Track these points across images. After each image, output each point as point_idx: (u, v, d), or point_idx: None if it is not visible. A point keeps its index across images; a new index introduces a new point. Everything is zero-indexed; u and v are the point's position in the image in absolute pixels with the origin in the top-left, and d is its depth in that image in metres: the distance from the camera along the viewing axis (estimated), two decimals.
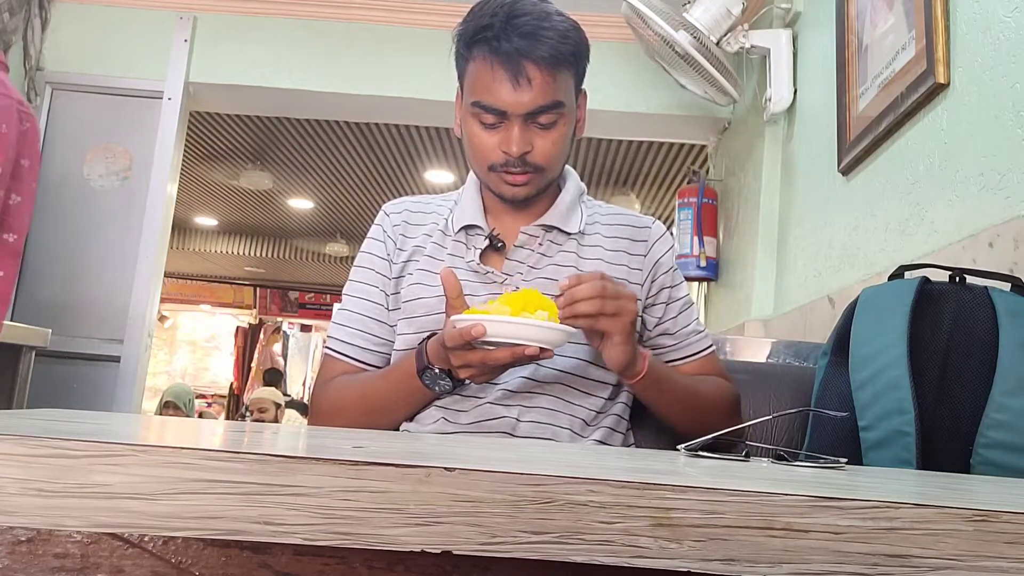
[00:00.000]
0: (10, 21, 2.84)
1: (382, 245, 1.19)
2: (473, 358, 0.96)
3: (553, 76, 1.06)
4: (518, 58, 1.04)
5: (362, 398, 1.10)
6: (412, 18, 3.10)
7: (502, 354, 0.94)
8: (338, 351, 1.15)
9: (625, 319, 0.98)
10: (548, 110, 1.07)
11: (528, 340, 0.93)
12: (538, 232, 1.15)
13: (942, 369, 0.97)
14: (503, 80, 1.05)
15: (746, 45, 2.46)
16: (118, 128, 3.04)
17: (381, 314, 1.16)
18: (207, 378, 9.73)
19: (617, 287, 0.99)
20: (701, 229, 2.88)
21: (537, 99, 1.05)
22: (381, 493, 0.40)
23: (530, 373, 1.08)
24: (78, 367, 2.88)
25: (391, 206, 1.23)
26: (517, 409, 1.07)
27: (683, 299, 1.21)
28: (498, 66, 1.05)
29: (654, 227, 1.21)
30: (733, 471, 0.58)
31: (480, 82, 1.07)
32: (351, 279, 1.19)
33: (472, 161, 1.14)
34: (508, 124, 1.07)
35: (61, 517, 0.40)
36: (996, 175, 1.32)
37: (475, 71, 1.08)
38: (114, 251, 2.97)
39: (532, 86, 1.05)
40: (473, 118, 1.09)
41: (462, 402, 1.08)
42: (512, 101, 1.05)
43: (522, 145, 1.07)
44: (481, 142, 1.09)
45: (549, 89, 1.06)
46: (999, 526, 0.41)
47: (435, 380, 1.04)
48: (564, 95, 1.08)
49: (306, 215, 6.94)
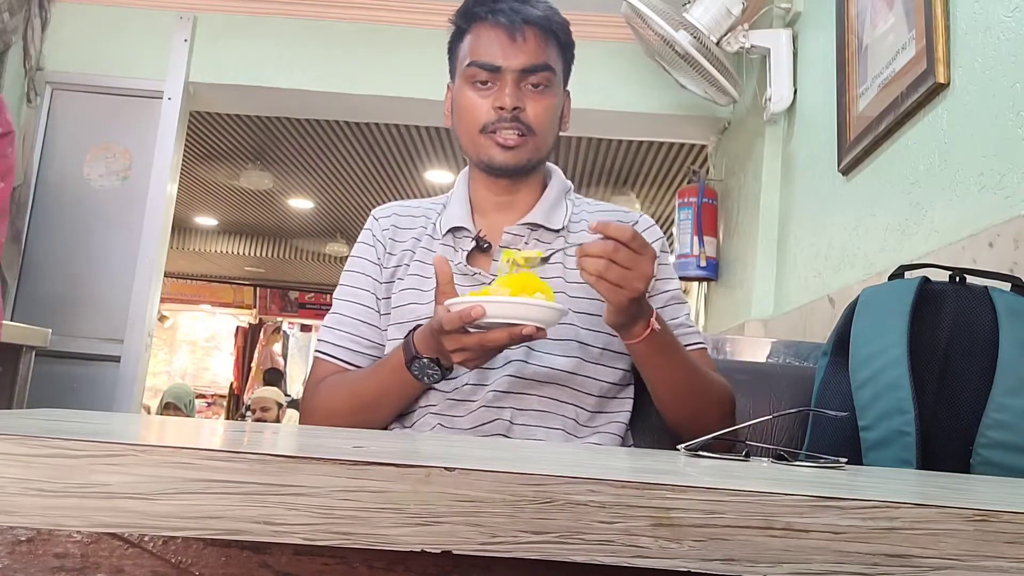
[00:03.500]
0: (10, 21, 2.84)
1: (372, 249, 1.20)
2: (469, 341, 0.95)
3: (545, 41, 1.13)
4: (514, 16, 1.11)
5: (352, 396, 1.10)
6: (412, 18, 3.10)
7: (498, 335, 0.94)
8: (328, 354, 1.16)
9: (625, 293, 0.94)
10: (540, 70, 1.12)
11: (526, 320, 0.93)
12: (523, 231, 1.15)
13: (942, 369, 0.97)
14: (501, 35, 1.11)
15: (746, 45, 2.46)
16: (118, 128, 3.04)
17: (372, 317, 1.17)
18: (207, 378, 9.73)
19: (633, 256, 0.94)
20: (701, 229, 2.88)
21: (531, 57, 1.11)
22: (381, 493, 0.40)
23: (519, 372, 1.08)
24: (78, 367, 2.88)
25: (380, 211, 1.24)
26: (509, 411, 1.07)
27: (672, 292, 1.19)
28: (496, 25, 1.11)
29: (641, 220, 1.21)
30: (733, 471, 0.58)
31: (477, 44, 1.13)
32: (342, 283, 1.20)
33: (463, 130, 1.15)
34: (501, 82, 1.11)
35: (61, 517, 0.40)
36: (996, 175, 1.32)
37: (472, 37, 1.14)
38: (114, 251, 2.96)
39: (527, 44, 1.11)
40: (466, 83, 1.13)
41: (456, 407, 1.08)
42: (508, 56, 1.10)
43: (515, 99, 1.10)
44: (473, 104, 1.12)
45: (542, 51, 1.12)
46: (999, 526, 0.41)
47: (423, 370, 1.03)
48: (555, 64, 1.14)
49: (306, 215, 6.94)
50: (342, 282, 1.20)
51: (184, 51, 3.07)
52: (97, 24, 3.10)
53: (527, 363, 1.08)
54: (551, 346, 1.10)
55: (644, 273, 0.95)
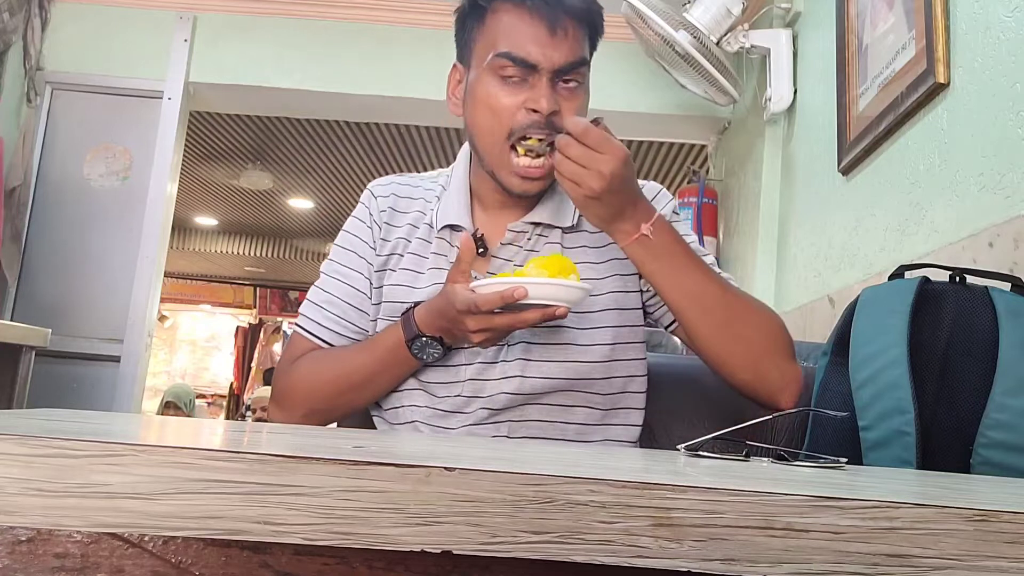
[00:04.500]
0: (10, 21, 2.84)
1: (369, 231, 1.12)
2: (501, 321, 0.93)
3: (583, 33, 1.01)
4: (556, 6, 0.98)
5: (339, 374, 1.05)
6: (412, 18, 3.10)
7: (532, 315, 0.92)
8: (311, 332, 1.09)
9: (580, 190, 0.92)
10: (577, 67, 1.00)
11: (563, 301, 0.93)
12: (527, 228, 1.09)
13: (942, 369, 0.97)
14: (540, 28, 0.97)
15: (746, 45, 2.46)
16: (118, 128, 3.04)
17: (361, 302, 1.10)
18: (207, 378, 9.73)
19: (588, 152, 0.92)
20: (701, 229, 2.88)
21: (571, 54, 0.99)
22: (381, 493, 0.40)
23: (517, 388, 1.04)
24: (78, 367, 2.88)
25: (378, 188, 1.15)
26: (507, 426, 1.04)
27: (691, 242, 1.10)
28: (534, 13, 0.98)
29: (648, 185, 1.14)
30: (733, 471, 0.58)
31: (510, 32, 0.98)
32: (332, 258, 1.12)
33: (483, 133, 1.03)
34: (534, 80, 0.99)
35: (61, 517, 0.40)
36: (996, 175, 1.32)
37: (502, 21, 0.99)
38: (114, 251, 2.97)
39: (568, 38, 0.98)
40: (493, 75, 1.00)
41: (448, 418, 1.05)
42: (547, 53, 0.98)
43: (551, 102, 0.98)
44: (500, 103, 0.99)
45: (580, 46, 1.00)
46: (999, 526, 0.41)
47: (424, 348, 1.00)
48: (588, 58, 1.03)
49: (306, 215, 6.94)
50: (332, 257, 1.12)
51: (184, 51, 3.07)
52: (97, 24, 3.10)
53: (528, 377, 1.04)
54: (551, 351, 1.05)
55: (600, 171, 0.91)
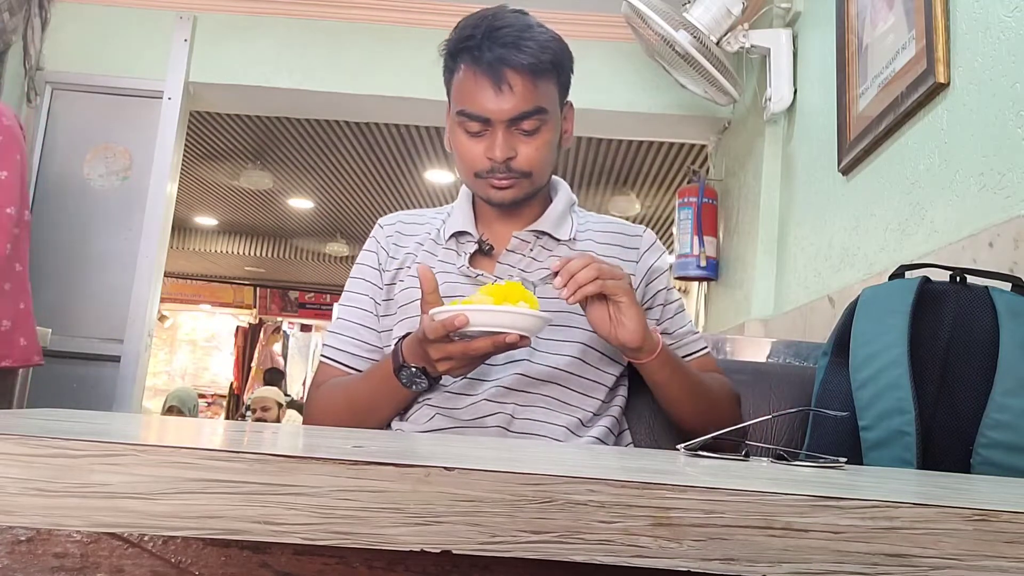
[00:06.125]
0: (10, 21, 2.84)
1: (374, 256, 1.22)
2: (453, 349, 0.96)
3: (534, 83, 1.08)
4: (499, 66, 1.06)
5: (348, 401, 1.13)
6: (412, 18, 3.10)
7: (483, 343, 0.95)
8: (331, 358, 1.19)
9: (625, 281, 1.00)
10: (530, 116, 1.08)
11: (509, 328, 0.93)
12: (530, 237, 1.17)
13: (942, 369, 0.97)
14: (485, 87, 1.07)
15: (746, 45, 2.46)
16: (118, 128, 3.04)
17: (371, 321, 1.19)
18: (207, 378, 9.73)
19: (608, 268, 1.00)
20: (701, 229, 2.88)
21: (519, 105, 1.07)
22: (381, 493, 0.40)
23: (525, 371, 1.09)
24: (78, 367, 2.88)
25: (385, 220, 1.26)
26: (512, 407, 1.08)
27: (677, 302, 1.24)
28: (480, 74, 1.07)
29: (645, 235, 1.24)
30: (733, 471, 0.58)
31: (464, 91, 1.10)
32: (345, 290, 1.23)
33: (460, 170, 1.16)
34: (492, 131, 1.09)
35: (61, 517, 0.40)
36: (996, 175, 1.32)
37: (459, 81, 1.11)
38: (114, 251, 2.96)
39: (514, 93, 1.07)
40: (459, 127, 1.12)
41: (456, 399, 1.09)
42: (494, 108, 1.07)
43: (505, 151, 1.08)
44: (467, 151, 1.11)
45: (531, 96, 1.08)
46: (999, 526, 0.41)
47: (411, 378, 1.04)
48: (547, 102, 1.10)
49: (306, 215, 6.94)
50: (346, 288, 1.23)
51: (184, 51, 3.07)
52: (97, 24, 3.10)
53: (535, 363, 1.10)
54: (559, 346, 1.11)
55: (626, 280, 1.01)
